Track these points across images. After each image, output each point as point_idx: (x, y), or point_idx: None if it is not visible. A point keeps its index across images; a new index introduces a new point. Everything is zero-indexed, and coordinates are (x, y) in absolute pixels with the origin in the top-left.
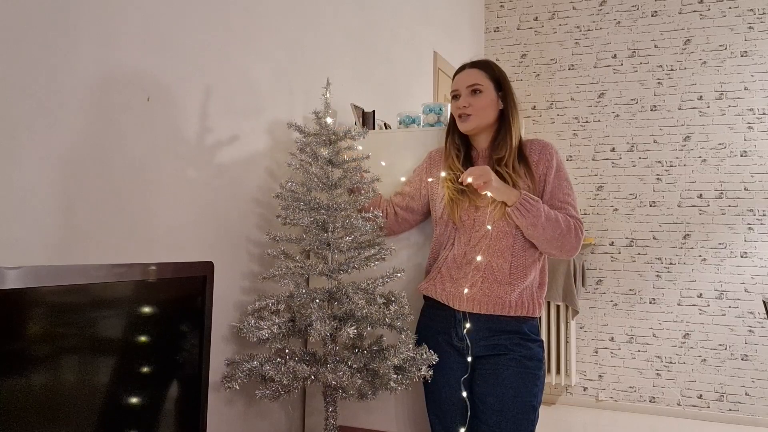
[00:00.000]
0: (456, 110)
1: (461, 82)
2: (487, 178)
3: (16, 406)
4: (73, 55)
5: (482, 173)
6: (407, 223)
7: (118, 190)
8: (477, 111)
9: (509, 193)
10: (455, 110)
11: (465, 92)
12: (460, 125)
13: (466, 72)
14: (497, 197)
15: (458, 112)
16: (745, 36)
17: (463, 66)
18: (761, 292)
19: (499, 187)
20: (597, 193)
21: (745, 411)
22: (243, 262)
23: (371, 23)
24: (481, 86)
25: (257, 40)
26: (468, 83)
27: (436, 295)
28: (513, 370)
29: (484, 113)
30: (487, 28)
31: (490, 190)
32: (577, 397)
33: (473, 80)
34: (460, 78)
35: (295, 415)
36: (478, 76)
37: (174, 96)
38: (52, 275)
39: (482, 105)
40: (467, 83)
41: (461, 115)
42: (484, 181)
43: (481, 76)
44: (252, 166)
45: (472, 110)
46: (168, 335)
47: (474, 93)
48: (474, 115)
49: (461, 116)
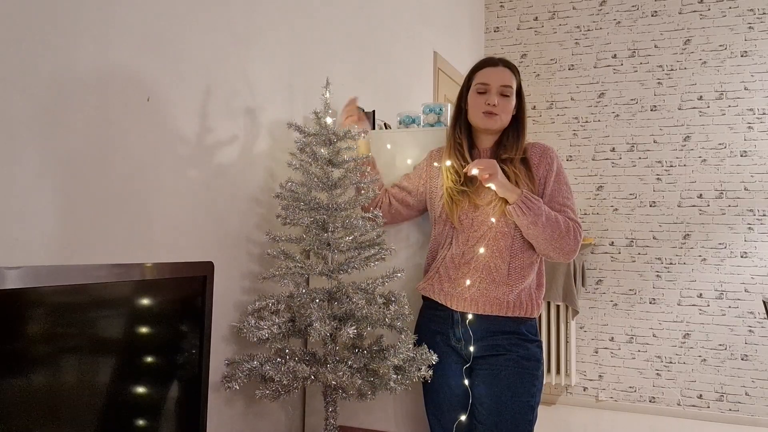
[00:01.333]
0: (484, 105)
1: (494, 78)
2: (493, 171)
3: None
4: (73, 55)
5: (489, 165)
6: (399, 216)
7: (118, 190)
8: (503, 113)
9: (511, 190)
10: (482, 105)
11: (496, 90)
12: (483, 121)
13: (500, 70)
14: (499, 192)
15: (487, 108)
16: (745, 36)
17: (495, 61)
18: (761, 292)
19: (503, 182)
20: (597, 193)
21: (745, 411)
22: (243, 262)
23: (371, 23)
24: (511, 90)
25: (257, 40)
26: (502, 83)
27: (434, 295)
28: (511, 370)
29: (507, 117)
30: (487, 28)
31: (494, 182)
32: (577, 397)
33: (507, 82)
34: (493, 74)
35: (295, 415)
36: (510, 80)
37: (174, 96)
38: (52, 275)
39: (508, 109)
40: (501, 82)
41: (489, 113)
42: (489, 174)
43: (513, 80)
44: (252, 166)
45: (499, 110)
46: (168, 335)
47: (504, 96)
48: (500, 116)
49: (488, 114)
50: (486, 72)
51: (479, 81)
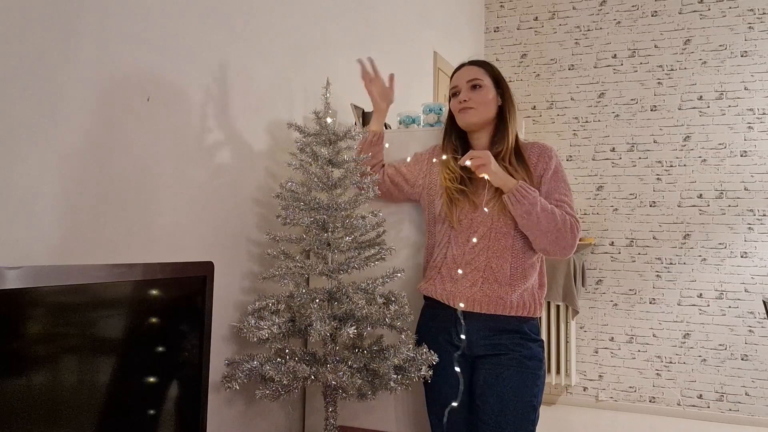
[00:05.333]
0: (456, 105)
1: (460, 78)
2: (486, 160)
3: (16, 406)
4: (74, 55)
5: (481, 155)
6: (388, 196)
7: (118, 190)
8: (478, 105)
9: (506, 179)
10: (455, 106)
11: (465, 87)
12: (460, 119)
13: (465, 69)
14: (494, 181)
15: (459, 106)
16: (745, 36)
17: (461, 65)
18: (761, 292)
19: (497, 171)
20: (597, 193)
21: (745, 411)
22: (243, 262)
23: (371, 23)
24: (481, 81)
25: (257, 40)
26: (468, 78)
27: (436, 294)
28: (513, 369)
29: (485, 108)
30: (487, 28)
31: (487, 172)
32: (577, 397)
33: (473, 75)
34: (460, 75)
35: (295, 415)
36: (478, 72)
37: (174, 96)
38: (52, 275)
39: (482, 100)
40: (467, 78)
41: (462, 109)
42: (483, 163)
43: (481, 72)
44: (252, 166)
45: (473, 104)
46: (168, 335)
47: (474, 88)
48: (475, 109)
49: (462, 110)
50: (455, 76)
51: (451, 86)
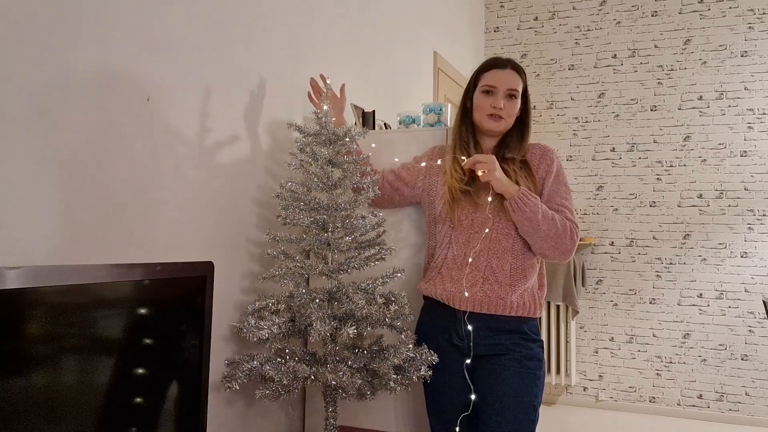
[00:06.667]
0: (488, 108)
1: (502, 81)
2: (492, 167)
3: (16, 406)
4: (73, 55)
5: (487, 160)
6: (388, 201)
7: (118, 190)
8: (508, 116)
9: (509, 186)
10: (485, 106)
11: (503, 93)
12: (488, 123)
13: (508, 73)
14: (497, 188)
15: (491, 111)
16: (745, 36)
17: (503, 63)
18: (761, 292)
19: (501, 178)
20: (597, 193)
21: (745, 411)
22: (243, 262)
23: (371, 23)
24: (518, 93)
25: (257, 40)
26: (509, 86)
27: (436, 295)
28: (514, 369)
29: (511, 120)
30: (487, 28)
31: (491, 178)
32: (577, 397)
33: (514, 85)
34: (501, 76)
35: (295, 415)
36: (518, 83)
37: (174, 96)
38: (52, 275)
39: (513, 112)
40: (508, 85)
41: (494, 115)
42: (488, 169)
43: (520, 83)
44: (252, 166)
45: (505, 114)
46: (168, 335)
47: (510, 98)
48: (506, 119)
49: (494, 117)
50: (493, 74)
51: (486, 82)
